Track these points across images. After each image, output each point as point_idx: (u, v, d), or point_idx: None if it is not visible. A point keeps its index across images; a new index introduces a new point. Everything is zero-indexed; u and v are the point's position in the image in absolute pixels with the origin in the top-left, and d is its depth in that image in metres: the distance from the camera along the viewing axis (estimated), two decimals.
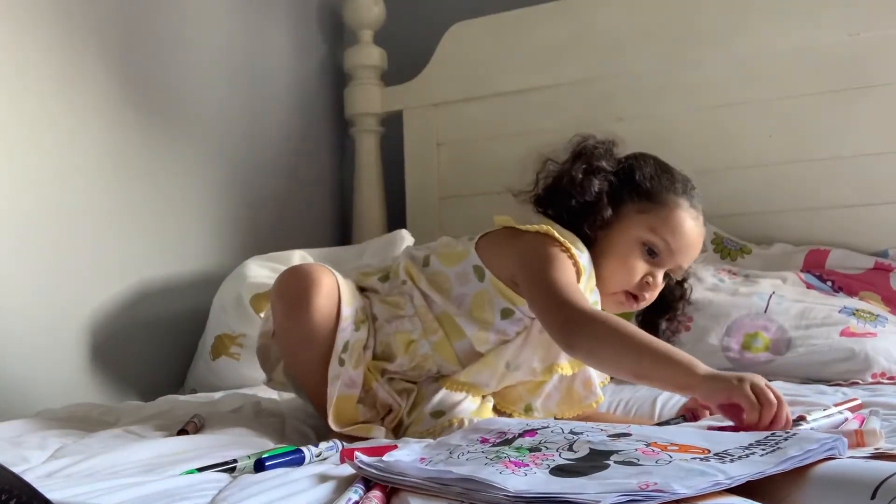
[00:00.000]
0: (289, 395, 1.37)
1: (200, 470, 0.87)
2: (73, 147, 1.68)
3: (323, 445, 0.96)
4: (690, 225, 1.21)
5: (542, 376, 1.19)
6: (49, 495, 0.61)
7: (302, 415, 1.26)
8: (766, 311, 1.57)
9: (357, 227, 2.30)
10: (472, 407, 1.19)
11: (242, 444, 1.05)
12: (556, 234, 1.16)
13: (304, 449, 0.94)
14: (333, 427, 1.13)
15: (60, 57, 1.65)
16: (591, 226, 1.21)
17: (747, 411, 0.93)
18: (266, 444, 1.06)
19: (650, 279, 1.20)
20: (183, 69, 1.93)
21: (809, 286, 1.71)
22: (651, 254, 1.20)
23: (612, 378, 1.29)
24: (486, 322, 1.17)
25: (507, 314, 1.17)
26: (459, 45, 2.20)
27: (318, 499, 0.76)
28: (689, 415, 1.16)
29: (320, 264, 1.20)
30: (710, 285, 1.70)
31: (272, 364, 1.28)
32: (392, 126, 2.31)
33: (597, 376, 1.23)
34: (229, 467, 0.88)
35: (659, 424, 1.12)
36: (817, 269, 1.77)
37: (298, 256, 1.88)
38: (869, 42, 1.80)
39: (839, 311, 1.56)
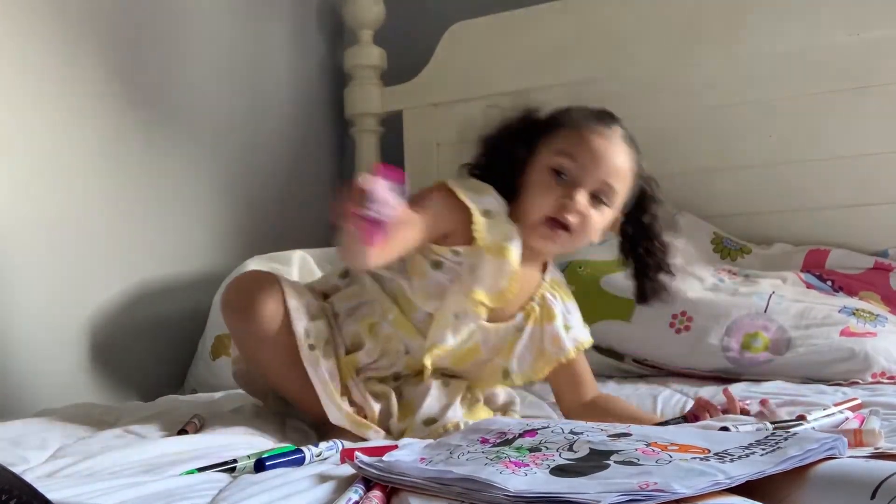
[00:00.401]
0: None
1: (200, 470, 0.87)
2: (74, 147, 1.67)
3: (323, 445, 0.96)
4: (596, 139, 1.20)
5: (481, 314, 1.20)
6: (49, 495, 0.61)
7: (302, 415, 1.26)
8: (765, 311, 1.57)
9: None
10: (461, 409, 1.19)
11: (243, 444, 1.05)
12: (448, 183, 1.19)
13: (304, 449, 0.94)
14: (335, 417, 1.13)
15: (60, 56, 1.65)
16: (510, 173, 1.23)
17: None
18: (266, 444, 1.06)
19: (568, 200, 1.18)
20: (183, 68, 1.93)
21: (809, 286, 1.71)
22: (562, 175, 1.19)
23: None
24: (424, 278, 1.19)
25: (437, 265, 1.18)
26: (459, 45, 2.20)
27: (318, 499, 0.76)
28: (689, 416, 1.16)
29: (260, 269, 1.22)
30: (709, 285, 1.70)
31: (262, 389, 1.29)
32: (392, 126, 2.31)
33: (565, 334, 1.25)
34: (229, 467, 0.88)
35: (659, 425, 1.13)
36: (817, 269, 1.77)
37: (298, 256, 1.88)
38: (869, 42, 1.80)
39: (839, 311, 1.56)
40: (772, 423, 1.06)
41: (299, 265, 1.86)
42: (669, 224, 1.29)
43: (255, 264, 1.84)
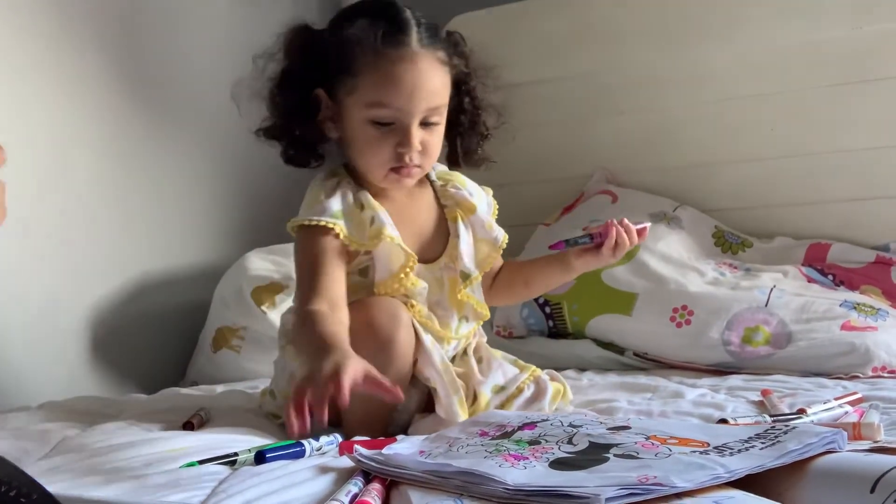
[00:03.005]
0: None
1: (201, 462, 0.87)
2: (75, 140, 1.67)
3: (323, 439, 0.97)
4: (402, 71, 1.07)
5: (411, 270, 1.13)
6: (50, 488, 0.62)
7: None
8: (766, 305, 1.57)
9: None
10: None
11: (245, 440, 1.05)
12: (296, 222, 1.13)
13: (304, 442, 0.94)
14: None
15: (61, 50, 1.65)
16: (318, 138, 1.14)
17: None
18: (268, 440, 1.06)
19: (404, 149, 1.09)
20: (184, 62, 1.93)
21: (810, 280, 1.71)
22: (384, 125, 1.09)
23: None
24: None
25: (363, 273, 1.14)
26: None
27: (317, 491, 0.76)
28: (596, 235, 1.16)
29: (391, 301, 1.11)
30: (710, 279, 1.70)
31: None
32: None
33: (491, 220, 1.22)
34: (230, 460, 0.88)
35: (567, 242, 1.16)
36: (818, 263, 1.77)
37: None
38: (872, 36, 1.79)
39: (840, 305, 1.56)
40: (771, 416, 1.06)
41: None
42: (485, 79, 1.21)
43: (255, 257, 1.84)
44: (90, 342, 1.70)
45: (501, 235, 1.22)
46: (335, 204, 1.11)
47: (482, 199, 1.24)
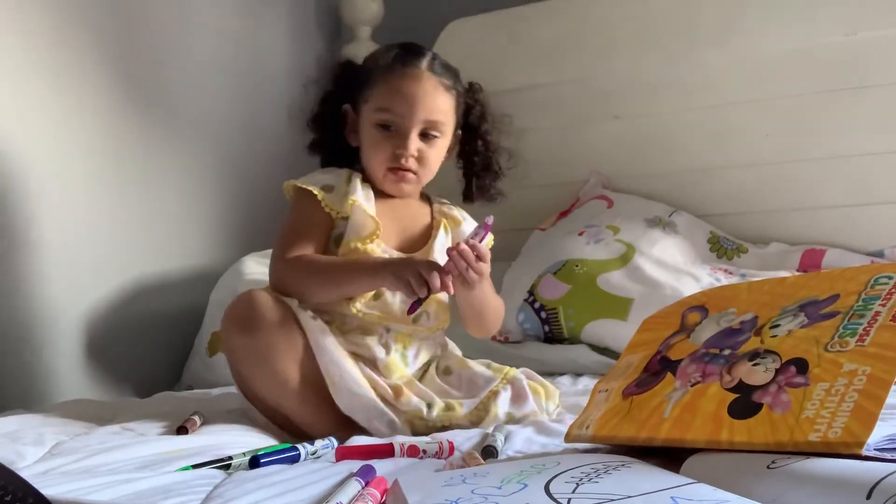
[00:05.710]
0: None
1: (196, 467, 0.87)
2: (71, 143, 1.67)
3: (318, 443, 0.97)
4: (406, 85, 1.25)
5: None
6: (45, 492, 0.61)
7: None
8: None
9: None
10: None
11: (240, 443, 1.05)
12: (291, 183, 1.30)
13: (299, 446, 0.94)
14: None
15: (58, 52, 1.64)
16: (345, 146, 1.32)
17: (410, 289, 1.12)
18: (263, 443, 1.06)
19: (401, 151, 1.25)
20: (180, 65, 1.93)
21: None
22: (387, 128, 1.26)
23: None
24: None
25: (336, 242, 1.28)
26: (457, 42, 2.19)
27: (312, 495, 0.76)
28: (434, 288, 1.13)
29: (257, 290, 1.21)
30: (705, 284, 1.70)
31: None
32: None
33: (440, 256, 1.26)
34: (224, 464, 0.88)
35: (418, 302, 1.15)
36: (813, 269, 1.77)
37: None
38: (865, 42, 1.80)
39: None
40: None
41: None
42: (498, 126, 1.38)
43: (251, 261, 1.83)
44: (85, 345, 1.70)
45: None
46: (327, 179, 1.29)
47: (471, 224, 1.34)
